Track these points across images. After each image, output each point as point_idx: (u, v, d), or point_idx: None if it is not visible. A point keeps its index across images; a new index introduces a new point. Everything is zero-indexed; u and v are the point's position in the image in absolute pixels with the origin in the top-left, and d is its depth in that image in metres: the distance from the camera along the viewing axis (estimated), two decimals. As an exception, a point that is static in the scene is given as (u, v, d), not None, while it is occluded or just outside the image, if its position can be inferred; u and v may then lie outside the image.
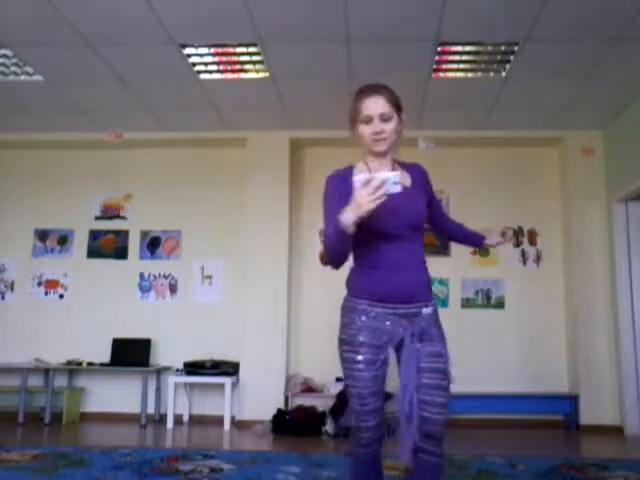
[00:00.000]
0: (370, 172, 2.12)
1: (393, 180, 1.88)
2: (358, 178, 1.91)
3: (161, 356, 6.50)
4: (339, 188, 2.14)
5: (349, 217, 1.93)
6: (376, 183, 1.87)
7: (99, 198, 6.88)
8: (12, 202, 6.91)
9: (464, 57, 4.90)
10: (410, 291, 2.19)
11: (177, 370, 6.21)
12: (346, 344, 2.17)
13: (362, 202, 1.89)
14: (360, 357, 2.14)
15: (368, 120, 2.16)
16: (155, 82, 5.36)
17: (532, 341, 6.35)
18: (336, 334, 2.22)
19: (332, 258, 2.13)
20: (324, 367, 5.88)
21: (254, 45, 4.71)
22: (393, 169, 2.21)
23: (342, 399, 5.42)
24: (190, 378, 6.12)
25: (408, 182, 2.25)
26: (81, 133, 6.60)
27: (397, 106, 2.22)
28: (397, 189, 1.90)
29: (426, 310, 2.23)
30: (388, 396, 2.18)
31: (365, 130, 2.18)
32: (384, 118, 2.17)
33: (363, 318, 2.16)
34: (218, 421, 6.03)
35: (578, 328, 6.09)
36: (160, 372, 6.36)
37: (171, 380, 6.07)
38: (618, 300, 5.90)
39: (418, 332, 2.17)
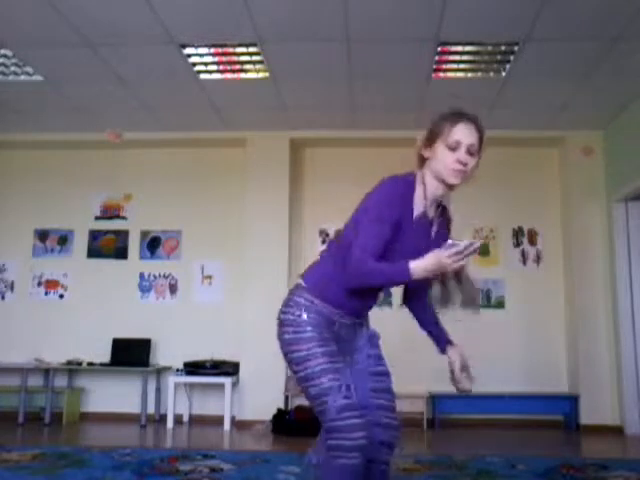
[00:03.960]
0: (426, 196, 2.02)
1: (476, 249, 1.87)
2: (454, 243, 1.84)
3: (161, 356, 6.50)
4: (399, 207, 1.96)
5: (424, 270, 1.84)
6: (467, 253, 1.84)
7: (99, 198, 6.88)
8: (12, 202, 6.91)
9: (464, 57, 4.90)
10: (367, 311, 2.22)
11: (177, 370, 6.21)
12: (312, 341, 1.97)
13: (448, 265, 1.83)
14: (335, 348, 2.01)
15: (455, 146, 1.96)
16: (155, 82, 5.36)
17: (532, 341, 6.35)
18: None
19: (363, 284, 1.98)
20: (324, 367, 5.87)
21: (254, 45, 4.71)
22: (440, 205, 2.11)
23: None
24: (190, 378, 6.12)
25: (435, 228, 2.10)
26: (81, 133, 6.60)
27: (482, 143, 2.03)
28: (470, 258, 1.88)
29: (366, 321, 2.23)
30: None
31: (448, 156, 1.96)
32: (470, 151, 1.98)
33: (327, 323, 2.05)
34: (218, 421, 6.03)
35: (578, 328, 6.09)
36: (160, 372, 6.36)
37: (171, 380, 6.06)
38: (618, 300, 5.90)
39: (369, 336, 2.15)
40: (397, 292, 3.07)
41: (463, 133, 1.98)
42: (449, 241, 1.86)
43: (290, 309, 2.04)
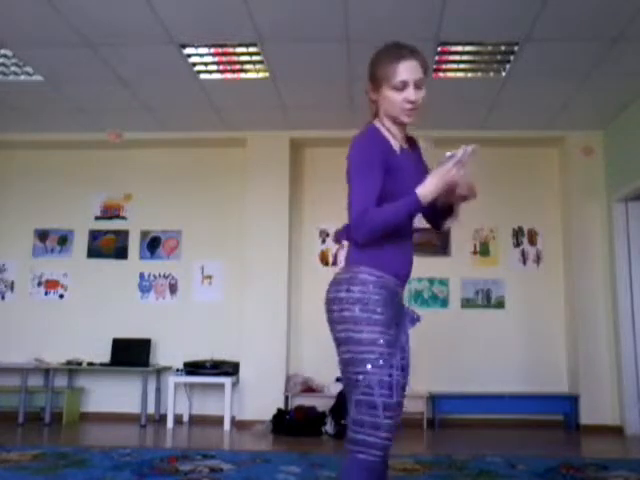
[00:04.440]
0: (400, 142, 2.05)
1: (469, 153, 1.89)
2: (451, 155, 1.88)
3: (161, 356, 6.50)
4: (379, 150, 1.94)
5: (432, 190, 1.87)
6: (466, 158, 1.89)
7: (99, 198, 6.88)
8: (12, 202, 6.91)
9: (464, 57, 4.90)
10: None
11: (177, 370, 6.21)
12: (378, 324, 1.87)
13: (453, 176, 1.88)
14: (394, 334, 1.91)
15: (402, 87, 1.95)
16: (155, 82, 5.36)
17: (532, 341, 6.35)
18: None
19: (378, 233, 1.88)
20: (324, 367, 5.87)
21: (254, 45, 4.71)
22: (407, 138, 2.13)
23: (342, 399, 5.41)
24: (190, 378, 6.12)
25: (416, 156, 2.15)
26: (81, 133, 6.60)
27: (426, 74, 2.01)
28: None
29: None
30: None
31: (396, 97, 1.95)
32: (418, 85, 1.96)
33: (385, 293, 1.94)
34: (218, 421, 6.03)
35: (578, 328, 6.09)
36: (160, 372, 6.36)
37: (171, 380, 6.06)
38: (618, 300, 5.90)
39: (410, 319, 2.05)
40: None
41: (407, 72, 1.95)
42: (447, 154, 1.88)
43: (356, 287, 1.91)
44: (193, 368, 6.09)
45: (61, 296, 6.73)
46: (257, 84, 5.37)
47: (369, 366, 1.85)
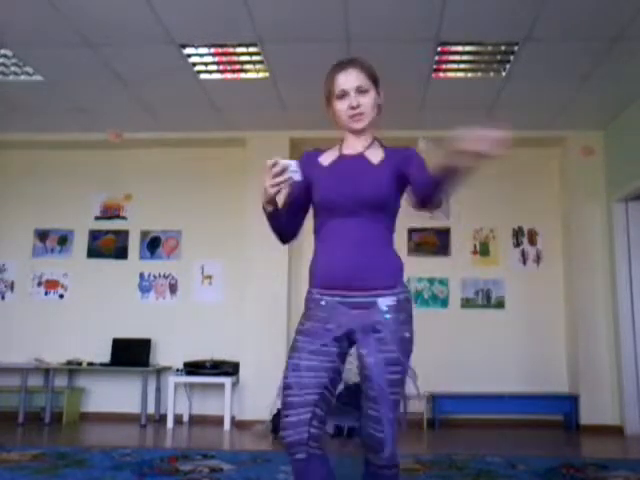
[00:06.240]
0: (340, 151, 2.13)
1: (293, 168, 1.93)
2: (274, 162, 1.93)
3: (161, 356, 6.50)
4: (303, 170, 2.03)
5: (263, 198, 2.02)
6: (277, 169, 1.91)
7: (99, 198, 6.88)
8: (12, 202, 6.91)
9: (464, 57, 4.90)
10: (360, 275, 1.92)
11: (177, 370, 6.21)
12: (296, 333, 2.00)
13: (266, 186, 1.95)
14: (300, 344, 1.95)
15: (343, 95, 2.03)
16: (155, 82, 5.36)
17: (532, 341, 6.35)
18: None
19: (274, 233, 2.29)
20: (324, 367, 5.86)
21: (254, 45, 4.71)
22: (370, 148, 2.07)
23: (340, 399, 5.41)
24: (190, 378, 6.12)
25: (377, 159, 2.03)
26: (81, 133, 6.60)
27: (374, 79, 2.05)
28: (297, 177, 1.94)
29: (383, 300, 1.92)
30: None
31: (341, 106, 2.04)
32: (360, 91, 2.01)
33: (312, 305, 2.00)
34: (218, 421, 6.03)
35: (578, 328, 6.09)
36: (160, 372, 6.36)
37: (171, 380, 6.07)
38: (618, 300, 5.90)
39: (369, 325, 1.90)
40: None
41: (345, 81, 2.03)
42: (271, 160, 1.93)
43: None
44: (193, 368, 6.10)
45: (61, 296, 6.73)
46: (257, 84, 5.37)
47: (285, 370, 1.97)
